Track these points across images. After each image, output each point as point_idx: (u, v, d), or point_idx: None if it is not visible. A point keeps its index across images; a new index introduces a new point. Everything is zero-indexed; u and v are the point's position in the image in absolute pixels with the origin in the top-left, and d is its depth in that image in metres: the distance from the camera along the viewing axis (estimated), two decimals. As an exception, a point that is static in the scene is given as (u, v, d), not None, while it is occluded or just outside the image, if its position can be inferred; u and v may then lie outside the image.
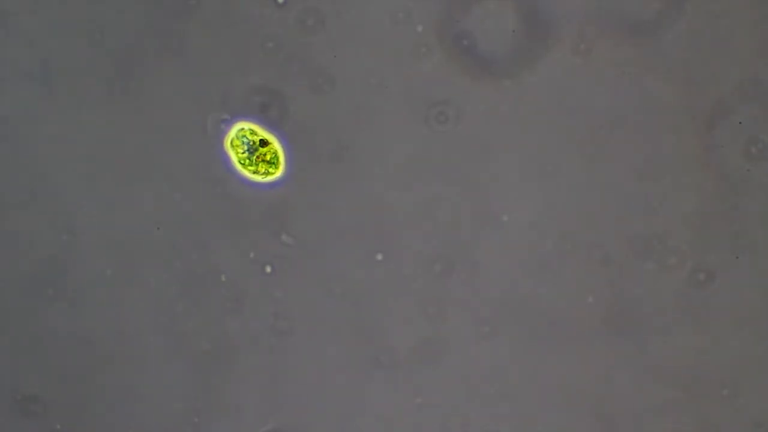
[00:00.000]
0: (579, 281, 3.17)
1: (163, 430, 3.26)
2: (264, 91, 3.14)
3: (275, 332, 3.22)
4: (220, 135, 3.14)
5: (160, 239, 3.21)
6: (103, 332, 3.24)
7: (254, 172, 3.14)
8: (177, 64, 3.14)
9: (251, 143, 3.12)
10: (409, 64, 3.12)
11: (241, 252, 3.20)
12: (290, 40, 3.12)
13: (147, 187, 3.19)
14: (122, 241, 3.21)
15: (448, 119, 3.13)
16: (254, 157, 3.12)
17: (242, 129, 3.13)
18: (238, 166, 3.14)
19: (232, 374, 3.24)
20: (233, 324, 3.23)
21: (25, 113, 3.19)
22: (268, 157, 3.11)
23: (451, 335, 3.20)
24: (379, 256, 3.18)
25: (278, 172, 3.16)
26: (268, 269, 3.19)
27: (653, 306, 3.16)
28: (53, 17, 3.16)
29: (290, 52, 3.12)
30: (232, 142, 3.12)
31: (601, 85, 3.12)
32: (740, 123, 3.10)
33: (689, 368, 3.17)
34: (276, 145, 3.14)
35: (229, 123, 3.13)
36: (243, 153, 3.12)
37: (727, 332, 3.16)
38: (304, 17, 3.11)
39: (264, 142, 3.08)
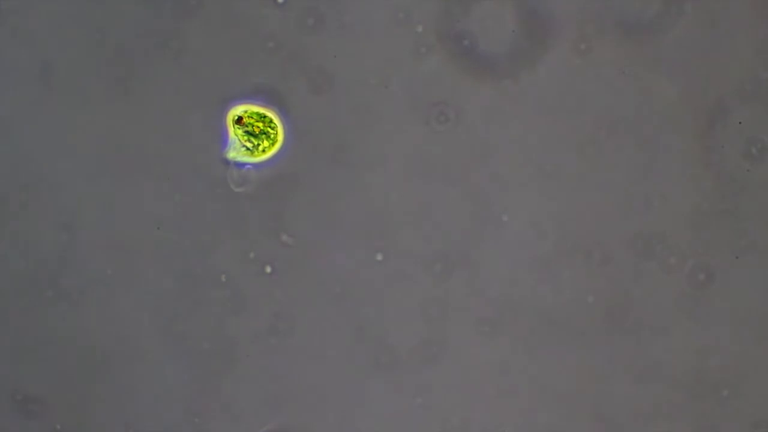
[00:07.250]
0: (579, 281, 3.17)
1: (163, 430, 3.26)
2: (264, 90, 3.14)
3: (275, 332, 3.22)
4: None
5: (160, 239, 3.21)
6: (103, 332, 3.24)
7: (259, 147, 3.16)
8: (177, 64, 3.14)
9: (248, 130, 3.14)
10: (409, 64, 3.12)
11: (241, 252, 3.20)
12: (290, 40, 3.12)
13: (147, 187, 3.19)
14: (122, 241, 3.21)
15: (448, 119, 3.13)
16: (255, 137, 3.14)
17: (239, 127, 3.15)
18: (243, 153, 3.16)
19: (232, 374, 3.24)
20: (233, 324, 3.23)
21: (25, 113, 3.19)
22: (261, 127, 3.13)
23: (451, 335, 3.20)
24: (379, 256, 3.18)
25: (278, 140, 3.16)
26: (268, 269, 3.19)
27: (653, 306, 3.17)
28: (53, 17, 3.16)
29: (290, 52, 3.12)
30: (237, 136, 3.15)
31: (601, 85, 3.12)
32: (740, 123, 3.10)
33: (689, 368, 3.17)
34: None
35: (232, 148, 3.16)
36: (245, 139, 3.14)
37: (727, 332, 3.16)
38: (304, 17, 3.11)
39: (239, 120, 3.10)
